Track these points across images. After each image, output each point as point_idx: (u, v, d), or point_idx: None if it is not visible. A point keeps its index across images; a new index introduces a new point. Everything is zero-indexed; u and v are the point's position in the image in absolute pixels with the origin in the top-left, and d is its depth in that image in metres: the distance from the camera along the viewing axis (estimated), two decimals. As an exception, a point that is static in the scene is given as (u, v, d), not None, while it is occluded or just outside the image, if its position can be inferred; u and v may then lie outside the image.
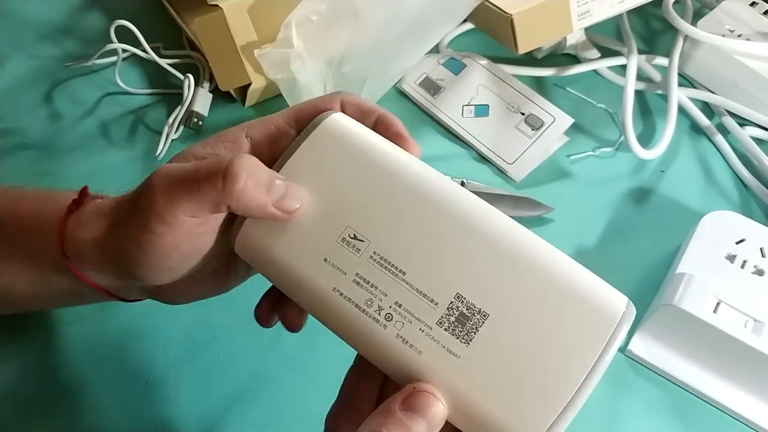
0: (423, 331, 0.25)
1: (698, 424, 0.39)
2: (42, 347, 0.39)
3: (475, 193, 0.28)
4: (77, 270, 0.30)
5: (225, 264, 0.31)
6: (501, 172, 0.50)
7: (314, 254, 0.26)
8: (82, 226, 0.29)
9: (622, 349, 0.41)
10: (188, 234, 0.27)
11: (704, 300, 0.38)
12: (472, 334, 0.25)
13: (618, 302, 0.25)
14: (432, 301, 0.25)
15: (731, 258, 0.41)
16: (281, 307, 0.31)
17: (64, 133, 0.51)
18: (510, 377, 0.24)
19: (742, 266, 0.41)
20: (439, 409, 0.24)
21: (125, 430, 0.37)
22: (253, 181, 0.26)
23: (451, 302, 0.25)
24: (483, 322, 0.25)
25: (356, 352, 0.28)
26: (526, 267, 0.26)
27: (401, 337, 0.25)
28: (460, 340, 0.25)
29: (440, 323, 0.25)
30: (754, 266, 0.41)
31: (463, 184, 0.47)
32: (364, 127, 0.29)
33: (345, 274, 0.26)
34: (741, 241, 0.42)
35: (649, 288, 0.43)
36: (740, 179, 0.50)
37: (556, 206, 0.47)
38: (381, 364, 0.26)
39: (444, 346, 0.25)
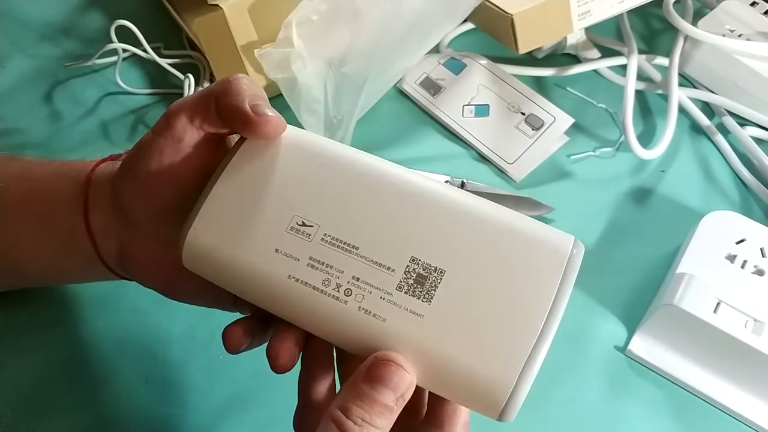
0: (384, 298, 0.25)
1: (698, 424, 0.39)
2: (39, 348, 0.39)
3: (476, 193, 0.29)
4: (87, 204, 0.32)
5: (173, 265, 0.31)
6: (501, 172, 0.50)
7: (265, 247, 0.27)
8: (110, 167, 0.33)
9: (622, 349, 0.41)
10: (178, 143, 0.29)
11: (704, 300, 0.38)
12: (432, 291, 0.25)
13: (565, 240, 0.26)
14: (389, 268, 0.26)
15: (731, 258, 0.41)
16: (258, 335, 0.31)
17: (64, 133, 0.51)
18: (476, 325, 0.25)
19: (743, 266, 0.41)
20: (403, 375, 0.25)
21: (125, 429, 0.37)
22: (246, 80, 0.29)
23: (407, 266, 0.26)
24: (441, 278, 0.26)
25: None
26: (473, 221, 0.27)
27: (363, 308, 0.25)
28: (422, 300, 0.25)
29: (400, 288, 0.26)
30: (755, 266, 0.41)
31: (463, 184, 0.47)
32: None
33: (298, 260, 0.26)
34: (741, 241, 0.42)
35: (649, 288, 0.43)
36: (740, 179, 0.50)
37: (556, 206, 0.47)
38: (348, 343, 0.26)
39: (407, 309, 0.25)
